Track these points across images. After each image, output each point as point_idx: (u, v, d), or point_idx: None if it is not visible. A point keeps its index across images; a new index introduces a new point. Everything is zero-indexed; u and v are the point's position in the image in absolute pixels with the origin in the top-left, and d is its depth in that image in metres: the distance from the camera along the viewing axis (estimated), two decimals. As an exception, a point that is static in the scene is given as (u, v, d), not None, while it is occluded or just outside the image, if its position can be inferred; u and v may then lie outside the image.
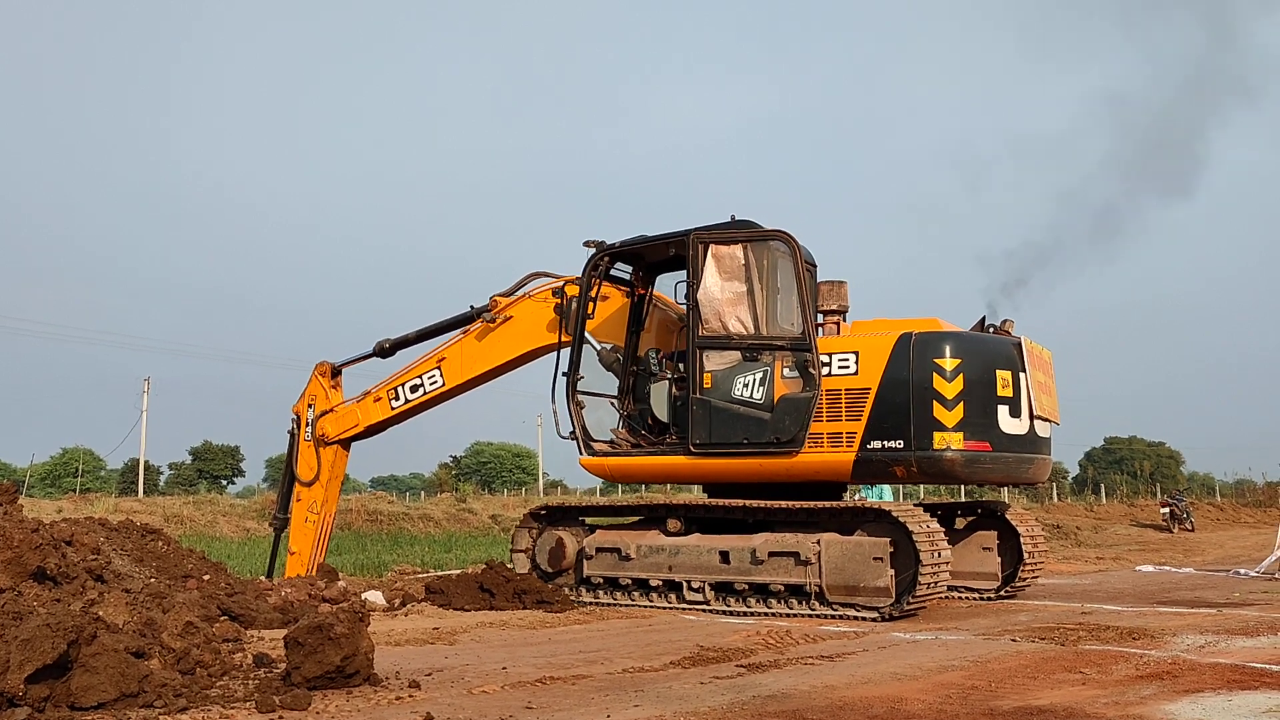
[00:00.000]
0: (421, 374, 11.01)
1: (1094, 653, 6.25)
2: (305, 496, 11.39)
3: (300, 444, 11.47)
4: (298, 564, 11.27)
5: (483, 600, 9.25)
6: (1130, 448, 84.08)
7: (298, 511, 11.40)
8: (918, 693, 4.96)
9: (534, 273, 10.62)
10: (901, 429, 8.33)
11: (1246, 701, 4.64)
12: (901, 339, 8.52)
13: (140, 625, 5.60)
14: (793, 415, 8.58)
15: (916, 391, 8.33)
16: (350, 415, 11.32)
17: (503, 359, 10.68)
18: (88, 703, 4.40)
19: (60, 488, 59.08)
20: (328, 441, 11.33)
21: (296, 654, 4.98)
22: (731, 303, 9.02)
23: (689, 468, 9.18)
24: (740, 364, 8.91)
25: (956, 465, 8.35)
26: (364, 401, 11.31)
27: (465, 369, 10.82)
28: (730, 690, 5.04)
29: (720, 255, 9.08)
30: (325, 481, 11.35)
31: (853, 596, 8.28)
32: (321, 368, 11.57)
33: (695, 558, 8.96)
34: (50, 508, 24.98)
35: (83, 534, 7.10)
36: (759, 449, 8.73)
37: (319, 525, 11.32)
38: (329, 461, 11.37)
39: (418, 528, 28.60)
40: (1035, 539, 10.19)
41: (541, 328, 10.34)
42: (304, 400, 11.57)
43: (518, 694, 4.97)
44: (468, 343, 10.83)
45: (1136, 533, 27.95)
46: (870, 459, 8.42)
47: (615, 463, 9.69)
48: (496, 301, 10.62)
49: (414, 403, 11.05)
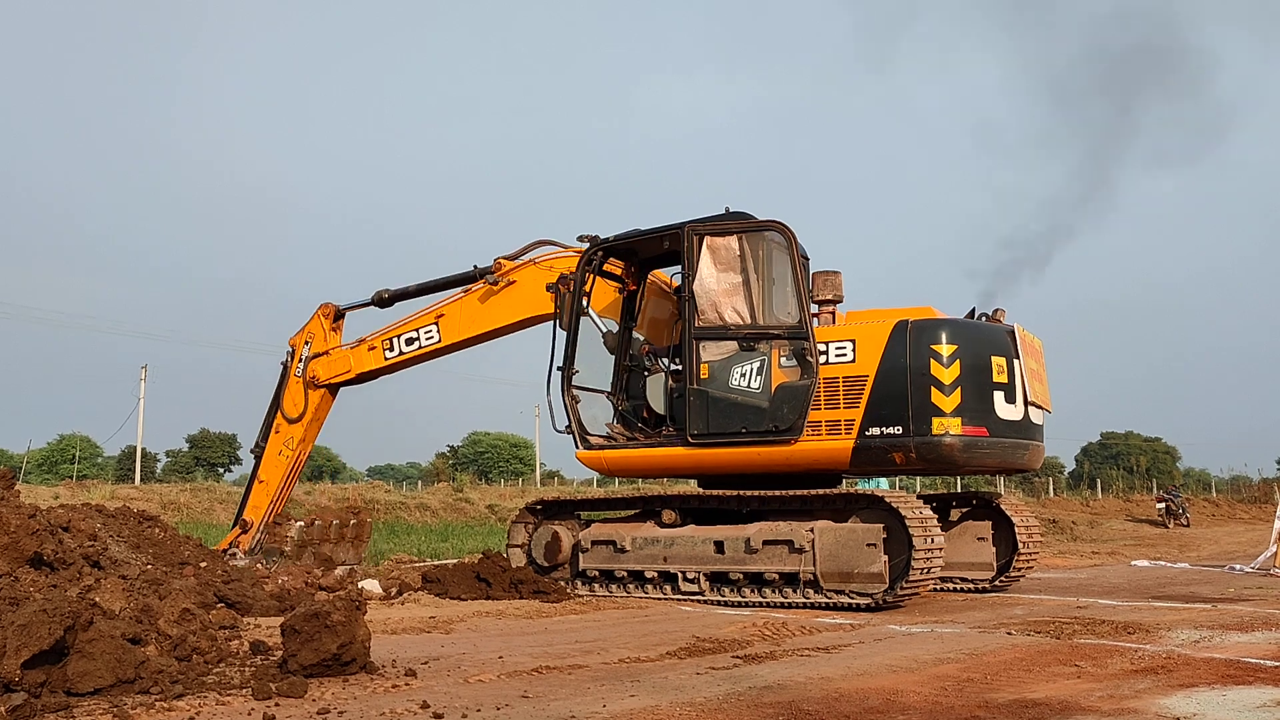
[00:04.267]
0: (418, 328, 11.01)
1: (1089, 647, 6.27)
2: (284, 431, 11.46)
3: (290, 378, 11.52)
4: (263, 494, 11.38)
5: (479, 590, 9.26)
6: (1126, 443, 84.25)
7: (274, 442, 11.47)
8: (913, 685, 4.97)
9: (541, 240, 10.56)
10: (900, 415, 8.39)
11: (1241, 696, 4.65)
12: (898, 326, 8.57)
13: (137, 612, 5.60)
14: (791, 403, 8.61)
15: (914, 377, 8.39)
16: (343, 361, 11.35)
17: (502, 323, 10.63)
18: (84, 688, 4.40)
19: (57, 474, 59.10)
20: (317, 384, 11.36)
21: (293, 641, 4.98)
22: (727, 293, 9.01)
23: (687, 459, 9.17)
24: (737, 354, 8.92)
25: (955, 450, 8.38)
26: (358, 349, 11.33)
27: (463, 328, 10.81)
28: (726, 681, 5.04)
29: (715, 246, 9.09)
30: (306, 421, 11.40)
31: (846, 583, 8.30)
32: (325, 309, 11.58)
33: (690, 548, 8.97)
34: (47, 494, 25.00)
35: (80, 520, 7.10)
36: (757, 438, 8.73)
37: (292, 460, 11.42)
38: (314, 403, 11.41)
39: (415, 517, 28.65)
40: (1030, 529, 10.22)
41: (544, 296, 10.24)
42: (302, 335, 11.61)
43: (514, 683, 4.98)
44: (468, 302, 10.79)
45: (1132, 528, 28.03)
46: (869, 446, 8.46)
47: (612, 455, 9.67)
48: (501, 264, 10.54)
49: (408, 356, 11.08)
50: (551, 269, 10.26)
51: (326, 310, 11.60)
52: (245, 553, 11.14)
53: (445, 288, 11.14)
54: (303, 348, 11.54)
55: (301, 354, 11.51)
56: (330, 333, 11.53)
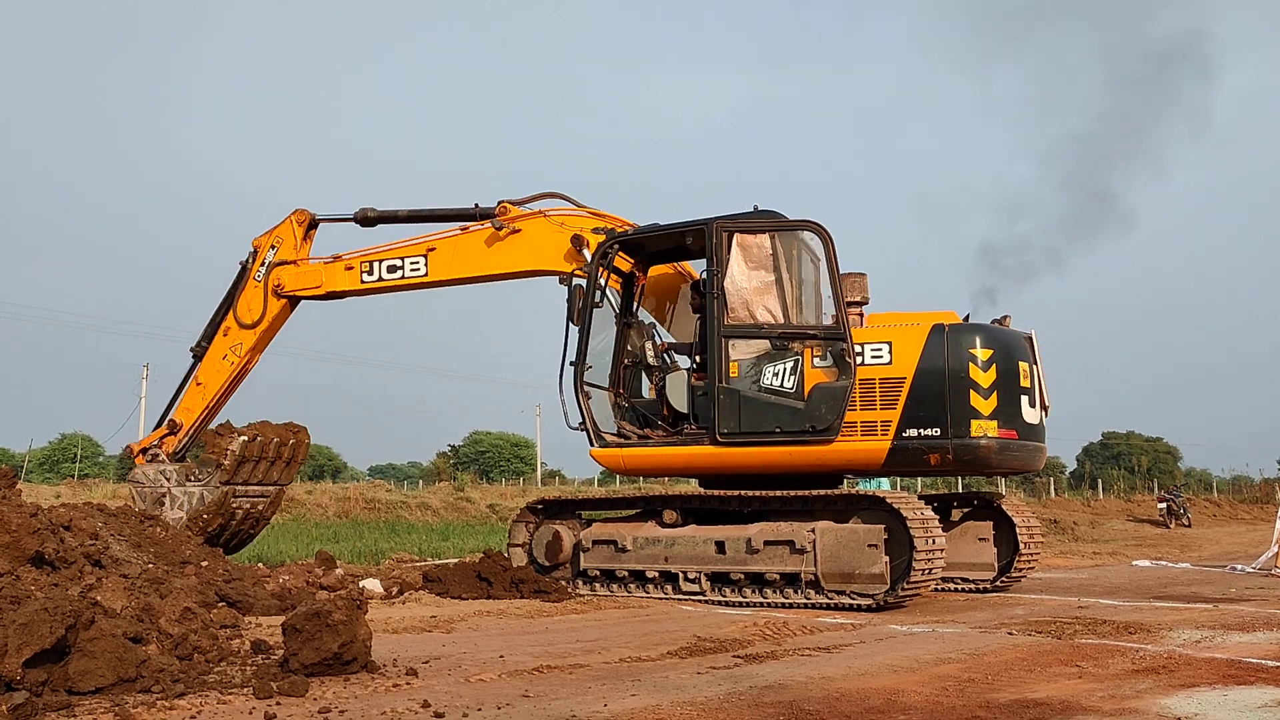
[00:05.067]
0: (404, 257, 10.48)
1: (1090, 647, 6.26)
2: (234, 335, 10.86)
3: (249, 282, 10.90)
4: (198, 398, 10.87)
5: (480, 589, 9.26)
6: (1128, 443, 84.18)
7: (220, 345, 10.88)
8: (914, 685, 4.96)
9: (552, 192, 10.23)
10: (938, 417, 8.52)
11: (1242, 696, 4.65)
12: (935, 329, 8.71)
13: (138, 611, 5.60)
14: (829, 404, 8.62)
15: (953, 380, 8.54)
16: (314, 275, 10.75)
17: (501, 269, 10.27)
18: (85, 687, 4.40)
19: (59, 473, 59.15)
20: (281, 293, 10.77)
21: (294, 640, 4.99)
22: (759, 292, 8.97)
23: (713, 458, 9.03)
24: (768, 353, 8.89)
25: (991, 453, 8.56)
26: (333, 266, 10.73)
27: (455, 267, 10.35)
28: (727, 681, 5.04)
29: (747, 244, 9.04)
30: (261, 330, 10.83)
31: (847, 584, 8.30)
32: (299, 215, 10.95)
33: (691, 548, 8.96)
34: (49, 493, 25.02)
35: (81, 519, 7.10)
36: (792, 438, 8.70)
37: (237, 368, 10.83)
38: (273, 313, 10.81)
39: (416, 516, 28.66)
40: (1031, 529, 10.22)
41: (550, 251, 9.98)
42: (269, 238, 10.95)
43: (515, 682, 4.98)
44: (466, 241, 10.32)
45: (1133, 528, 28.01)
46: (906, 447, 8.56)
47: (631, 454, 9.47)
48: (507, 208, 10.15)
49: (388, 284, 10.58)
50: (563, 225, 9.98)
51: (301, 217, 10.92)
52: (169, 455, 10.64)
53: (438, 220, 10.59)
54: (267, 251, 10.83)
55: (265, 257, 10.80)
56: (301, 242, 10.86)
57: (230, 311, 10.89)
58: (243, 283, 10.94)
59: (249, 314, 10.80)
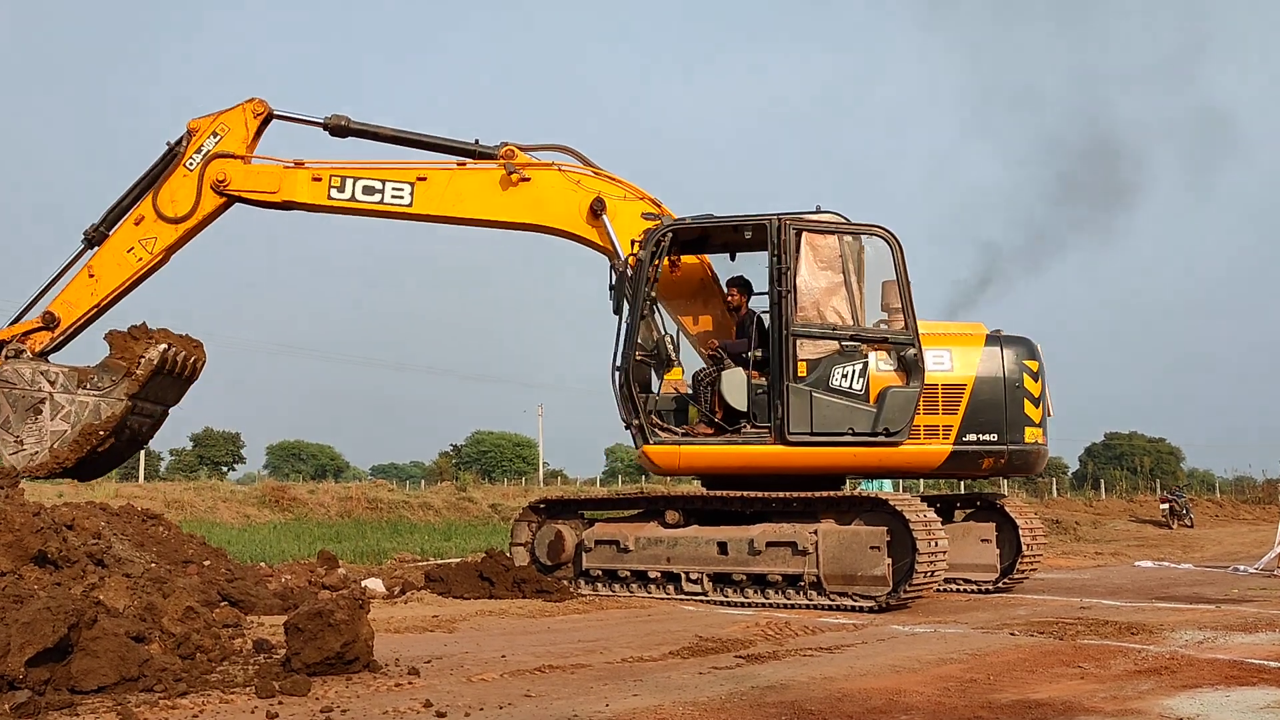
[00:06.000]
0: (385, 180, 9.38)
1: (1092, 647, 6.26)
2: (149, 228, 9.33)
3: (178, 169, 9.41)
4: (86, 292, 9.43)
5: (482, 589, 9.26)
6: (1130, 444, 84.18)
7: (127, 235, 9.36)
8: (916, 685, 4.97)
9: (562, 145, 9.66)
10: (996, 423, 8.96)
11: (1244, 697, 4.65)
12: (991, 339, 9.21)
13: (140, 610, 5.61)
14: (902, 408, 8.74)
15: (1010, 389, 9.02)
16: (270, 178, 9.42)
17: (502, 217, 9.54)
18: (88, 686, 4.41)
19: (61, 473, 59.02)
20: (223, 191, 9.35)
21: (296, 640, 4.99)
22: (828, 292, 8.94)
23: (779, 458, 8.88)
24: (836, 354, 8.86)
25: (1037, 458, 9.27)
26: (296, 172, 9.46)
27: (448, 203, 9.46)
28: (729, 681, 5.04)
29: (816, 244, 8.99)
30: (187, 228, 9.37)
31: (850, 586, 8.30)
32: (256, 106, 9.61)
33: (693, 549, 8.96)
34: (51, 492, 24.98)
35: (84, 518, 7.10)
36: (864, 440, 8.75)
37: (143, 266, 9.34)
38: (206, 210, 9.38)
39: (418, 516, 28.64)
40: (1034, 531, 10.21)
41: (561, 208, 9.46)
42: (211, 123, 9.49)
43: (517, 682, 4.98)
44: (465, 177, 9.48)
45: (1136, 528, 27.97)
46: (965, 451, 8.92)
47: (690, 452, 9.14)
48: (514, 152, 9.46)
49: (360, 206, 9.42)
50: (579, 184, 9.53)
51: (258, 109, 9.57)
52: (37, 354, 9.32)
53: (428, 148, 9.66)
54: (207, 138, 9.39)
55: (203, 144, 9.38)
56: (251, 137, 9.54)
57: (150, 199, 9.35)
58: (170, 169, 9.43)
59: (173, 206, 9.31)
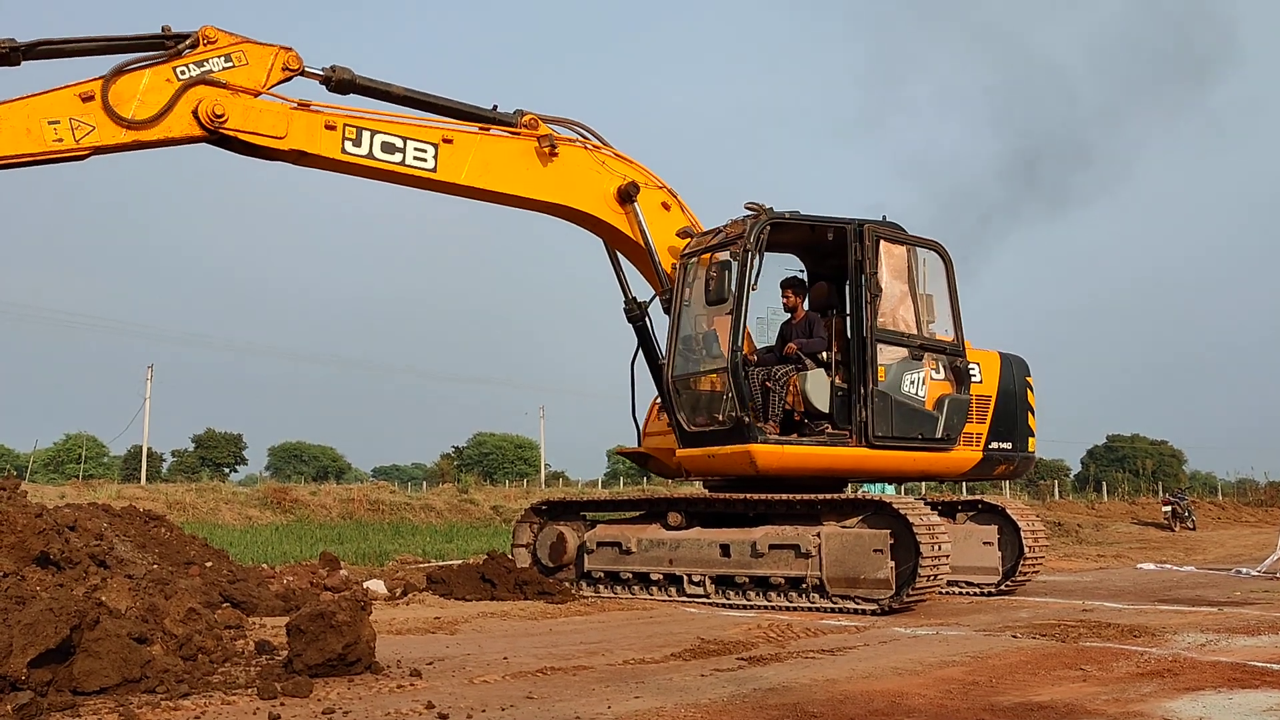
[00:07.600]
0: (408, 138, 8.50)
1: (1095, 650, 6.26)
2: (91, 114, 7.28)
3: (163, 68, 7.67)
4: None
5: (484, 590, 9.27)
6: (1132, 446, 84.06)
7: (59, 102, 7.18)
8: (919, 687, 4.96)
9: (577, 121, 9.37)
10: (1011, 433, 9.92)
11: (1247, 700, 4.64)
12: (1004, 357, 10.06)
13: (142, 611, 5.62)
14: (959, 415, 9.36)
15: (1019, 402, 10.01)
16: (277, 119, 8.04)
17: (528, 193, 8.99)
18: (90, 687, 4.41)
19: (64, 474, 59.21)
20: (215, 128, 7.76)
21: (298, 641, 4.99)
22: (899, 300, 9.22)
23: (860, 460, 8.95)
24: (905, 361, 9.12)
25: (1032, 465, 10.35)
26: (308, 117, 8.19)
27: (475, 172, 8.74)
28: (731, 682, 5.04)
29: (891, 253, 9.26)
30: (136, 138, 7.50)
31: (853, 589, 8.29)
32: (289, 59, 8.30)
33: (696, 551, 8.96)
34: (54, 493, 25.04)
35: (86, 520, 7.12)
36: (928, 444, 9.23)
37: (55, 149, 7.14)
38: (176, 134, 7.68)
39: (419, 518, 28.66)
40: (1036, 533, 10.21)
41: (588, 190, 9.21)
42: (231, 43, 8.01)
43: (519, 684, 4.98)
44: (493, 145, 8.86)
45: (1138, 531, 27.94)
46: (989, 458, 9.73)
47: (792, 452, 8.92)
48: (536, 122, 9.03)
49: (376, 164, 8.38)
50: (604, 165, 9.36)
51: (291, 62, 8.23)
52: None
53: (443, 112, 8.90)
54: (218, 57, 7.89)
55: (208, 60, 7.83)
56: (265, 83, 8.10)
57: (107, 79, 7.41)
58: (151, 61, 7.69)
59: (134, 107, 7.48)
